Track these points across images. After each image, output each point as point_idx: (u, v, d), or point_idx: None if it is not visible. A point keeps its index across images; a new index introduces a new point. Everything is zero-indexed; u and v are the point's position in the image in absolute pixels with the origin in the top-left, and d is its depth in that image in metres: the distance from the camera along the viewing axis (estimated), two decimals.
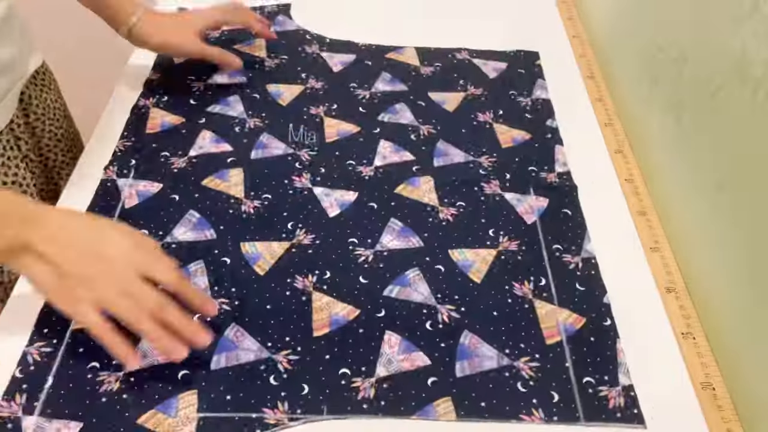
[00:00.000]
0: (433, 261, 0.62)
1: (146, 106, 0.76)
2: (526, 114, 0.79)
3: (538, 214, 0.67)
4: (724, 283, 0.57)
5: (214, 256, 0.60)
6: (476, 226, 0.65)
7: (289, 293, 0.58)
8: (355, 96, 0.79)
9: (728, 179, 0.58)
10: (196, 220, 0.63)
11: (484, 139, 0.75)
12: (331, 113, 0.77)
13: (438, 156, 0.72)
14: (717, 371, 0.55)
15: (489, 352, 0.55)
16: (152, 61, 0.82)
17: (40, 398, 0.50)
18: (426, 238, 0.63)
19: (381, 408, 0.51)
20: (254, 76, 0.81)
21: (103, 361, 0.52)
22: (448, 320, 0.57)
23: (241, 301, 0.57)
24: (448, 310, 0.58)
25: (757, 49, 0.54)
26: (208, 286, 0.58)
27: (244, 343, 0.54)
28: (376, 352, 0.54)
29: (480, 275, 0.61)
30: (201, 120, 0.74)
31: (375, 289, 0.59)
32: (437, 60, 0.86)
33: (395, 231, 0.64)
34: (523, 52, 0.88)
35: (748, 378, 0.53)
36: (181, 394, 0.50)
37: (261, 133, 0.73)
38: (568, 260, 0.62)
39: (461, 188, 0.69)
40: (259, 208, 0.65)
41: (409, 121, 0.77)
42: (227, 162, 0.70)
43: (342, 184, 0.68)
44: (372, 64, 0.84)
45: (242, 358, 0.53)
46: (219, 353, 0.53)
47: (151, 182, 0.67)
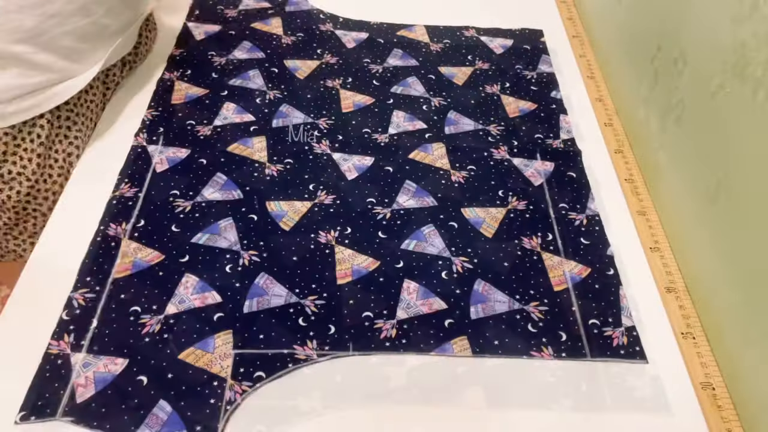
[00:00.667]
0: (447, 218, 0.66)
1: (171, 79, 0.80)
2: (531, 86, 0.83)
3: (544, 176, 0.71)
4: (724, 283, 0.57)
5: (241, 213, 0.64)
6: (486, 188, 0.69)
7: (313, 246, 0.62)
8: (369, 70, 0.83)
9: (728, 179, 0.58)
10: (223, 182, 0.67)
11: (492, 109, 0.79)
12: (346, 86, 0.81)
13: (449, 125, 0.77)
14: (717, 371, 0.55)
15: (501, 298, 0.59)
16: (174, 38, 0.86)
17: (87, 338, 0.54)
18: (439, 198, 0.68)
19: (402, 345, 0.55)
20: (272, 52, 0.85)
21: (144, 306, 0.56)
22: (462, 270, 0.61)
23: (269, 253, 0.61)
24: (462, 261, 0.62)
25: (757, 49, 0.54)
26: (237, 240, 0.62)
27: (273, 289, 0.58)
28: (396, 298, 0.58)
29: (491, 231, 0.65)
30: (223, 92, 0.78)
31: (393, 243, 0.63)
32: (446, 37, 0.90)
33: (410, 192, 0.68)
34: (528, 29, 0.92)
35: (748, 378, 0.53)
36: (217, 334, 0.55)
37: (281, 104, 0.77)
38: (574, 217, 0.67)
39: (471, 154, 0.73)
40: (282, 171, 0.69)
41: (420, 93, 0.81)
42: (251, 130, 0.74)
43: (359, 150, 0.72)
44: (384, 41, 0.88)
45: (272, 302, 0.57)
46: (251, 299, 0.57)
47: (179, 148, 0.71)
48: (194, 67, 0.82)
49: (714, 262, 0.59)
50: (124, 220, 0.63)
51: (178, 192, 0.66)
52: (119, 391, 0.50)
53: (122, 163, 0.69)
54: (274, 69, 0.82)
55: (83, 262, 0.59)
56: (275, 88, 0.80)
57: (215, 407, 0.50)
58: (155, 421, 0.49)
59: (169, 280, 0.58)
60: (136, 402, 0.50)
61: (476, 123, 0.77)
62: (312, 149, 0.72)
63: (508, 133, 0.76)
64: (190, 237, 0.62)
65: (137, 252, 0.60)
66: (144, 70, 0.81)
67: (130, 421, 0.49)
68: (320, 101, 0.78)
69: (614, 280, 0.61)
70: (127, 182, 0.66)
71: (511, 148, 0.74)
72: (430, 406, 0.52)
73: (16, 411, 0.49)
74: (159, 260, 0.60)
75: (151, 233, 0.62)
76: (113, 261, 0.59)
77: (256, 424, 0.50)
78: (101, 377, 0.51)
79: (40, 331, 0.54)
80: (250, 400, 0.51)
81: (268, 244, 0.62)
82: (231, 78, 0.80)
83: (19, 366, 0.52)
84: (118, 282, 0.58)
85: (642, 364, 0.55)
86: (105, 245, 0.60)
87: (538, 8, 0.98)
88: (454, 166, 0.71)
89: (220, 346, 0.54)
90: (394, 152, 0.72)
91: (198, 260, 0.60)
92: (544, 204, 0.68)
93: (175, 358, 0.53)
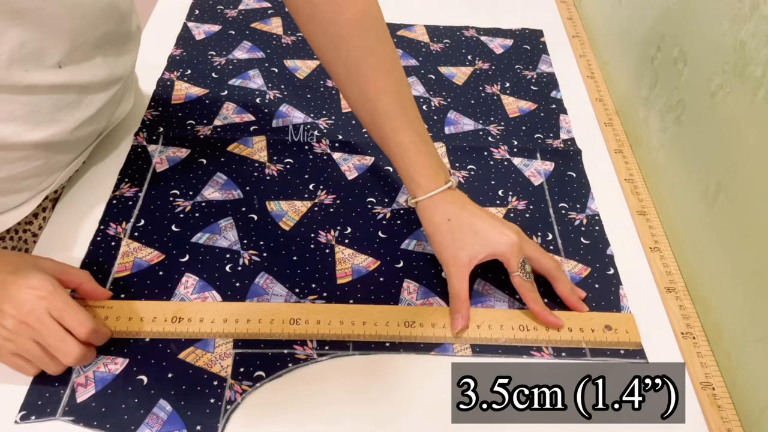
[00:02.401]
0: None
1: (171, 79, 0.80)
2: (531, 86, 0.83)
3: (544, 176, 0.71)
4: (724, 283, 0.57)
5: (241, 213, 0.64)
6: (486, 187, 0.69)
7: (313, 246, 0.62)
8: None
9: (728, 179, 0.57)
10: (223, 182, 0.67)
11: (492, 109, 0.79)
12: None
13: (449, 125, 0.77)
14: (717, 371, 0.55)
15: (501, 297, 0.59)
16: (174, 38, 0.86)
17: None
18: None
19: (402, 345, 0.55)
20: (272, 52, 0.85)
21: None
22: None
23: (269, 253, 0.61)
24: None
25: (757, 49, 0.54)
26: (237, 240, 0.62)
27: (273, 289, 0.58)
28: (396, 298, 0.58)
29: None
30: (223, 92, 0.78)
31: (393, 242, 0.63)
32: (446, 37, 0.90)
33: None
34: (528, 29, 0.92)
35: (748, 378, 0.53)
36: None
37: (281, 104, 0.77)
38: (574, 217, 0.67)
39: (471, 153, 0.73)
40: (282, 170, 0.69)
41: (420, 93, 0.81)
42: (250, 130, 0.74)
43: (359, 149, 0.72)
44: None
45: (272, 302, 0.57)
46: (250, 298, 0.57)
47: (179, 148, 0.71)
48: (194, 67, 0.82)
49: (714, 262, 0.59)
50: (125, 220, 0.63)
51: (178, 192, 0.66)
52: (119, 391, 0.50)
53: (122, 162, 0.69)
54: (274, 69, 0.82)
55: (83, 262, 0.59)
56: (275, 88, 0.80)
57: (215, 407, 0.50)
58: (155, 421, 0.49)
59: (169, 280, 0.58)
60: (136, 401, 0.50)
61: (476, 123, 0.77)
62: (312, 149, 0.72)
63: (508, 132, 0.76)
64: (190, 237, 0.62)
65: (137, 251, 0.60)
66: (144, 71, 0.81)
67: (130, 420, 0.49)
68: (320, 101, 0.78)
69: (614, 280, 0.61)
70: (128, 182, 0.67)
71: (511, 148, 0.74)
72: (431, 406, 0.52)
73: (16, 410, 0.49)
74: (159, 260, 0.60)
75: (151, 233, 0.62)
76: (113, 260, 0.59)
77: (256, 423, 0.50)
78: (101, 377, 0.51)
79: None
80: (250, 399, 0.51)
81: (268, 244, 0.62)
82: (231, 78, 0.81)
83: None
84: (119, 282, 0.58)
85: (642, 364, 0.55)
86: (105, 245, 0.60)
87: (538, 8, 0.98)
88: (454, 165, 0.71)
89: (220, 346, 0.54)
90: None
91: (198, 260, 0.60)
92: (544, 204, 0.68)
93: (176, 357, 0.53)
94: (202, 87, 0.79)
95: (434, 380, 0.53)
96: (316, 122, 0.75)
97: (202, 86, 0.79)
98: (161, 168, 0.69)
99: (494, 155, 0.73)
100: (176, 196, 0.65)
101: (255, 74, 0.81)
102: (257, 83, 0.80)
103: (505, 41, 0.90)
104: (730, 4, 0.58)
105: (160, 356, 0.53)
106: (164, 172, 0.68)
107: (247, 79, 0.81)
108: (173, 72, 0.81)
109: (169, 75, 0.80)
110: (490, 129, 0.76)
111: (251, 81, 0.80)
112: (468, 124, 0.77)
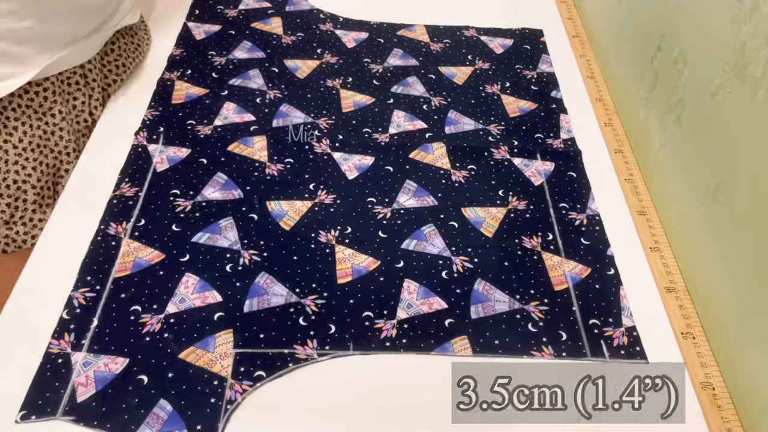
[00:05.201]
0: (447, 218, 0.66)
1: (171, 79, 0.80)
2: (531, 86, 0.83)
3: (544, 176, 0.71)
4: (724, 283, 0.57)
5: (242, 213, 0.64)
6: (486, 188, 0.69)
7: (313, 246, 0.62)
8: (369, 70, 0.83)
9: (728, 179, 0.57)
10: (223, 181, 0.67)
11: (492, 108, 0.79)
12: (346, 86, 0.81)
13: (449, 124, 0.77)
14: (717, 371, 0.55)
15: (501, 297, 0.59)
16: (174, 38, 0.86)
17: (87, 337, 0.54)
18: (440, 198, 0.68)
19: (403, 345, 0.55)
20: (272, 52, 0.85)
21: (144, 305, 0.56)
22: (463, 270, 0.61)
23: (270, 253, 0.61)
24: (462, 261, 0.62)
25: (757, 49, 0.54)
26: (237, 240, 0.62)
27: (274, 289, 0.58)
28: (396, 298, 0.58)
29: (491, 230, 0.65)
30: (224, 92, 0.78)
31: (393, 242, 0.63)
32: (446, 37, 0.90)
33: (411, 191, 0.68)
34: (528, 29, 0.92)
35: (748, 378, 0.53)
36: (217, 333, 0.55)
37: (281, 104, 0.77)
38: (574, 217, 0.67)
39: (472, 153, 0.73)
40: (282, 170, 0.69)
41: (420, 93, 0.81)
42: (251, 130, 0.74)
43: (359, 149, 0.72)
44: (384, 40, 0.88)
45: (273, 302, 0.57)
46: (251, 298, 0.57)
47: (179, 148, 0.71)
48: (194, 67, 0.82)
49: (714, 262, 0.59)
50: (125, 220, 0.63)
51: (179, 191, 0.66)
52: (120, 390, 0.50)
53: (123, 162, 0.69)
54: (274, 69, 0.82)
55: (84, 262, 0.59)
56: (275, 87, 0.80)
57: (216, 406, 0.50)
58: (156, 420, 0.49)
59: (169, 280, 0.58)
60: (136, 401, 0.50)
61: (476, 122, 0.77)
62: (312, 149, 0.72)
63: (508, 132, 0.76)
64: (190, 236, 0.62)
65: (138, 251, 0.60)
66: (144, 70, 0.81)
67: (130, 420, 0.49)
68: (320, 101, 0.78)
69: (614, 280, 0.61)
70: (128, 182, 0.67)
71: (511, 148, 0.74)
72: (431, 406, 0.52)
73: (16, 410, 0.49)
74: (159, 259, 0.60)
75: (152, 232, 0.62)
76: (114, 260, 0.59)
77: (256, 423, 0.50)
78: (102, 376, 0.51)
79: (40, 330, 0.54)
80: (251, 399, 0.51)
81: (268, 244, 0.62)
82: (231, 78, 0.80)
83: (19, 365, 0.52)
84: (119, 281, 0.58)
85: (642, 364, 0.55)
86: (105, 244, 0.60)
87: (538, 8, 0.98)
88: (454, 165, 0.71)
89: (220, 346, 0.54)
90: (394, 152, 0.72)
91: (198, 259, 0.60)
92: (545, 204, 0.68)
93: (176, 357, 0.53)
94: (202, 87, 0.79)
95: (434, 380, 0.53)
96: (317, 122, 0.75)
97: (202, 86, 0.79)
98: (162, 168, 0.69)
99: (494, 155, 0.73)
100: (176, 196, 0.65)
101: (255, 74, 0.81)
102: (257, 83, 0.80)
103: (505, 41, 0.90)
104: (730, 4, 0.58)
105: (160, 356, 0.53)
106: (164, 172, 0.68)
107: (248, 79, 0.81)
108: (173, 72, 0.81)
109: (170, 75, 0.80)
110: (491, 129, 0.76)
111: (251, 81, 0.80)
112: (468, 124, 0.77)
